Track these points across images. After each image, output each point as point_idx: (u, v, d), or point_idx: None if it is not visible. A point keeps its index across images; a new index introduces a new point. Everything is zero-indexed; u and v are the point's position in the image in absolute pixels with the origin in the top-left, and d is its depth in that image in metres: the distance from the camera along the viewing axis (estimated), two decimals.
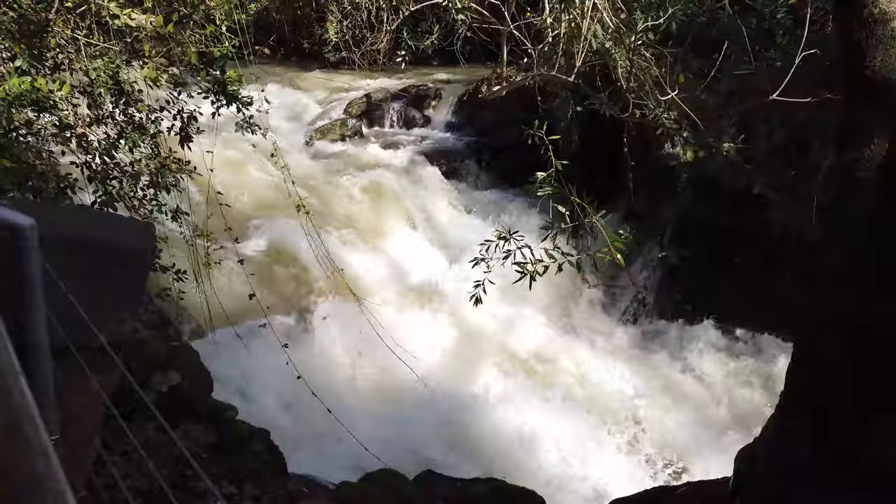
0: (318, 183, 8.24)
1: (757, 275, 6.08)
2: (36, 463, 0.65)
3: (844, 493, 2.30)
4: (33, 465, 0.66)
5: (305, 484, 2.87)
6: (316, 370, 4.59)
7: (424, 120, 10.61)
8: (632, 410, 5.38)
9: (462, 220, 8.18)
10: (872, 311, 2.13)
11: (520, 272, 3.08)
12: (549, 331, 6.34)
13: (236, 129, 4.76)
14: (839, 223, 2.36)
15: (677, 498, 3.14)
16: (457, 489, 3.17)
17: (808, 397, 2.40)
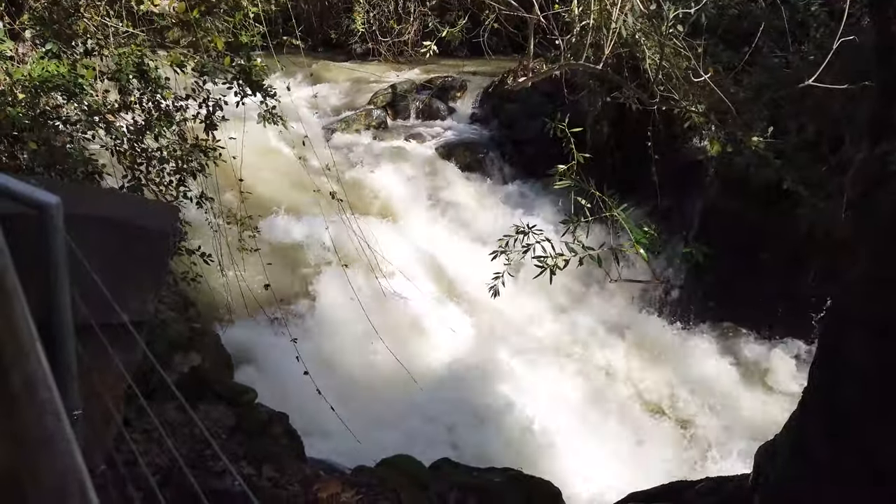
0: (342, 174, 8.28)
1: (783, 272, 5.97)
2: (47, 424, 0.67)
3: (864, 490, 2.26)
4: (45, 426, 0.67)
5: (323, 468, 2.89)
6: (334, 358, 4.64)
7: (449, 111, 10.59)
8: (652, 404, 5.33)
9: (485, 212, 8.16)
10: (894, 308, 2.09)
11: (539, 266, 3.06)
12: (571, 324, 6.31)
13: (258, 121, 4.80)
14: (867, 220, 2.30)
15: (697, 492, 3.11)
16: (473, 477, 3.17)
17: (831, 395, 2.36)
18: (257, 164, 7.09)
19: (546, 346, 5.93)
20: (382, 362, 4.86)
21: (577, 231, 3.22)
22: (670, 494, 3.15)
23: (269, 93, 4.51)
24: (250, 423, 2.86)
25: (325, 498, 2.44)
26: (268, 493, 2.43)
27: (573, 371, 5.63)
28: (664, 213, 7.44)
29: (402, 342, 4.86)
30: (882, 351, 2.15)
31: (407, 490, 2.68)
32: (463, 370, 5.35)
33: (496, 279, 3.18)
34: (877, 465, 2.22)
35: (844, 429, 2.31)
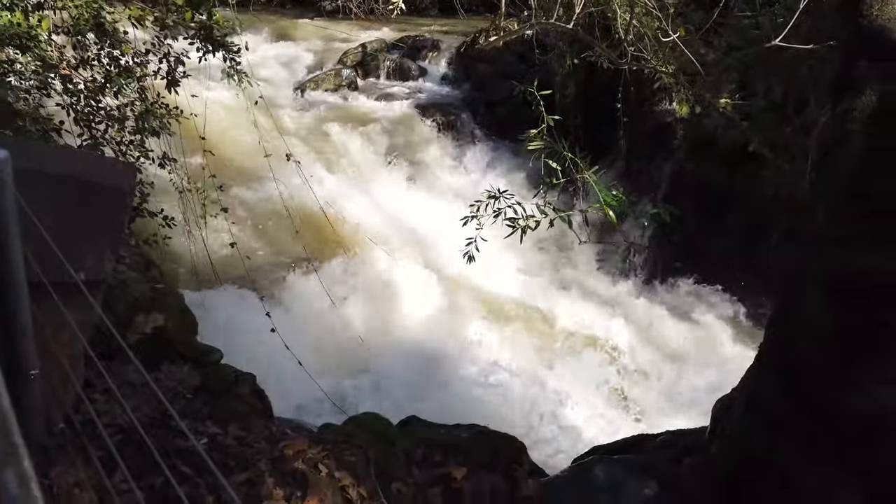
0: (311, 133, 8.16)
1: (749, 233, 6.08)
2: None
3: (817, 443, 2.35)
4: None
5: (290, 427, 2.91)
6: (301, 322, 4.63)
7: (420, 72, 10.44)
8: (619, 363, 5.45)
9: (456, 174, 8.13)
10: (854, 267, 2.14)
11: (511, 226, 3.07)
12: (540, 285, 6.38)
13: (222, 77, 4.69)
14: (825, 179, 2.34)
15: (657, 445, 3.21)
16: (440, 434, 3.22)
17: (786, 352, 2.43)
18: (224, 124, 6.95)
19: (513, 308, 5.99)
20: (350, 325, 4.88)
21: (547, 193, 3.22)
22: (632, 447, 3.25)
23: (231, 49, 4.38)
24: (216, 383, 2.85)
25: (291, 455, 2.46)
26: (233, 451, 2.44)
27: (540, 332, 5.71)
28: (633, 175, 7.50)
29: (371, 305, 4.87)
30: (837, 309, 2.21)
31: (374, 446, 2.71)
32: (431, 332, 5.39)
33: (469, 244, 3.17)
34: (828, 420, 2.31)
35: (798, 385, 2.39)
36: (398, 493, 2.56)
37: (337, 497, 2.33)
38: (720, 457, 2.69)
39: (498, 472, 3.01)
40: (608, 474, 2.96)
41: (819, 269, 2.25)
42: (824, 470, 2.37)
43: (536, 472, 3.22)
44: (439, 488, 2.75)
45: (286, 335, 3.77)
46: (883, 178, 1.99)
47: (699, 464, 2.76)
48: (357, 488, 2.42)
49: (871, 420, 2.21)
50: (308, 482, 2.31)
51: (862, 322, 2.16)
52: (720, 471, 2.67)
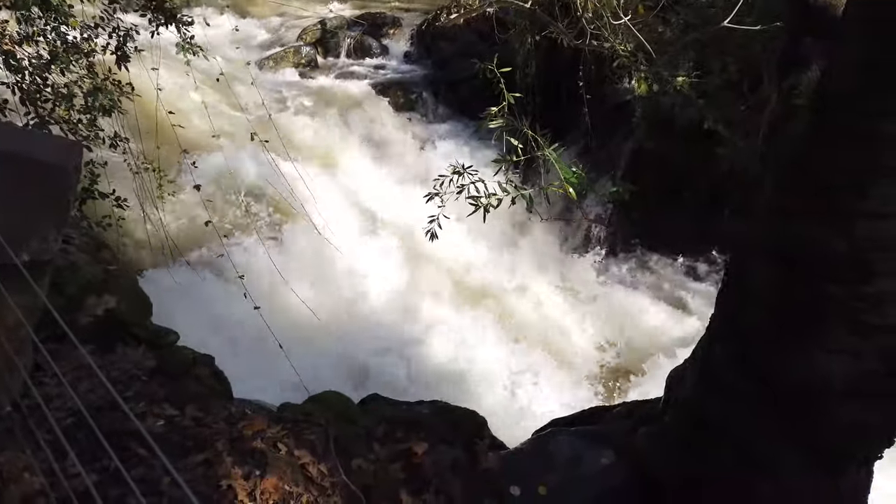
0: (271, 111, 8.00)
1: (705, 209, 6.22)
2: None
3: (765, 410, 2.44)
4: None
5: (250, 407, 2.89)
6: (264, 301, 4.57)
7: (382, 50, 10.31)
8: (579, 338, 5.55)
9: (418, 153, 8.09)
10: (799, 239, 2.21)
11: (473, 205, 3.07)
12: (502, 262, 6.43)
13: (177, 52, 4.57)
14: (772, 153, 2.41)
15: (614, 415, 3.28)
16: (401, 411, 3.24)
17: (735, 322, 2.50)
18: (181, 101, 6.77)
19: (477, 285, 6.04)
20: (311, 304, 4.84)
21: (509, 171, 3.23)
22: (589, 419, 3.32)
23: (183, 22, 4.26)
24: (173, 365, 2.81)
25: (250, 434, 2.45)
26: (191, 432, 2.42)
27: (502, 308, 5.77)
28: (593, 152, 7.57)
29: (333, 284, 4.85)
30: (780, 279, 2.28)
31: (334, 424, 2.72)
32: (394, 310, 5.40)
33: (432, 222, 3.16)
34: (775, 387, 2.39)
35: (747, 354, 2.46)
36: (359, 470, 2.58)
37: (297, 475, 2.34)
38: (674, 425, 2.77)
39: (459, 446, 3.05)
40: (566, 445, 3.02)
41: (766, 241, 2.31)
42: (773, 435, 2.46)
43: (497, 445, 3.27)
44: (400, 464, 2.78)
45: (248, 313, 3.74)
46: (824, 153, 2.05)
47: (654, 433, 2.84)
48: (317, 466, 2.43)
49: (814, 386, 2.30)
50: (267, 461, 2.31)
51: (806, 293, 2.23)
52: (674, 439, 2.76)
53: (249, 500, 2.14)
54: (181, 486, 2.08)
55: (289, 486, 2.25)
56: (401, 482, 2.67)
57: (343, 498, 2.39)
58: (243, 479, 2.20)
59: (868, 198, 2.06)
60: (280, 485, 2.23)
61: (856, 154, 1.99)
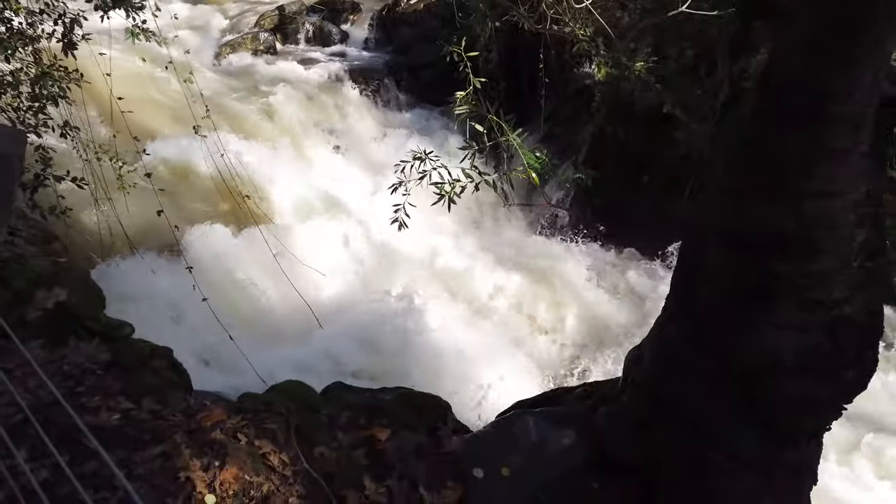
0: (229, 100, 7.86)
1: (664, 192, 6.31)
2: None
3: (719, 385, 2.50)
4: None
5: (209, 398, 2.86)
6: (222, 291, 4.52)
7: (342, 36, 10.19)
8: (541, 323, 5.60)
9: (380, 140, 8.03)
10: (748, 219, 2.26)
11: (437, 193, 3.05)
12: (466, 248, 6.44)
13: (127, 37, 4.43)
14: (722, 135, 2.45)
15: (575, 396, 3.33)
16: (365, 398, 3.24)
17: (689, 301, 2.55)
18: (131, 90, 6.59)
19: (441, 272, 6.04)
20: (272, 294, 4.80)
21: (474, 157, 3.21)
22: (551, 400, 3.36)
23: (133, 5, 4.13)
24: (129, 358, 2.75)
25: (209, 426, 2.42)
26: (148, 425, 2.38)
27: (467, 294, 5.79)
28: (554, 138, 7.62)
29: (295, 273, 4.78)
30: (731, 258, 2.34)
31: (295, 413, 2.70)
32: (358, 299, 5.37)
33: (397, 211, 3.13)
34: (728, 363, 2.45)
35: (701, 331, 2.52)
36: (321, 457, 2.57)
37: (257, 464, 2.32)
38: (632, 404, 2.82)
39: (422, 431, 3.06)
40: (528, 427, 3.06)
41: (717, 222, 2.36)
42: (727, 411, 2.52)
43: (461, 429, 3.29)
44: (363, 450, 2.78)
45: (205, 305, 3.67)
46: (771, 135, 2.10)
47: (613, 412, 2.89)
48: (278, 455, 2.42)
49: (765, 362, 2.36)
50: (227, 451, 2.28)
51: (756, 271, 2.28)
52: (632, 417, 2.81)
53: (208, 491, 2.11)
54: (135, 480, 2.05)
55: (249, 476, 2.23)
56: (364, 468, 2.67)
57: (305, 486, 2.38)
58: (202, 471, 2.17)
59: (814, 178, 2.12)
60: (240, 475, 2.22)
61: (801, 135, 2.03)
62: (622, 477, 2.80)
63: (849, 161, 2.09)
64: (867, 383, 2.51)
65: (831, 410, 2.51)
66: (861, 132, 2.07)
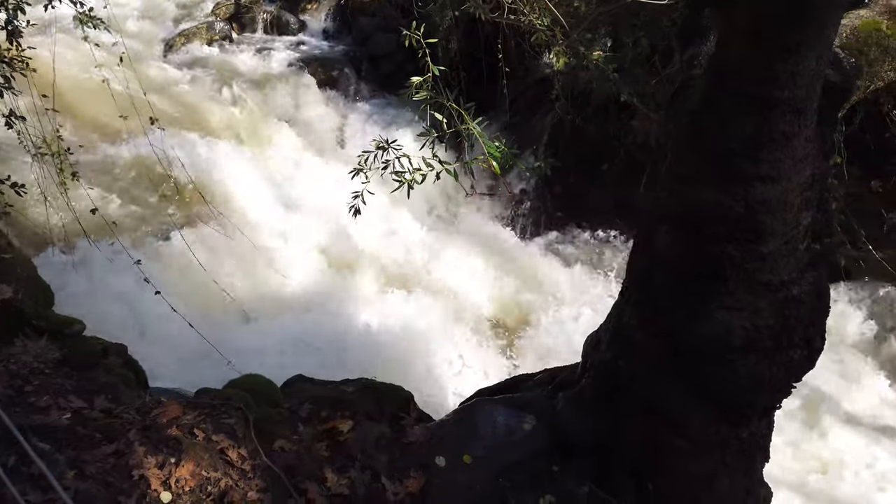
0: (184, 91, 7.68)
1: (622, 180, 6.40)
2: None
3: (673, 367, 2.55)
4: None
5: (166, 395, 2.80)
6: (179, 289, 4.42)
7: (300, 25, 10.03)
8: (504, 311, 5.64)
9: (340, 130, 7.95)
10: (698, 203, 2.30)
11: (397, 181, 3.03)
12: (427, 238, 6.44)
13: (75, 26, 4.30)
14: (672, 121, 2.49)
15: (535, 383, 3.37)
16: (326, 390, 3.21)
17: (643, 285, 2.60)
18: (83, 81, 6.40)
19: (402, 262, 6.02)
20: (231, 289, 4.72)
21: (434, 146, 3.20)
22: (512, 387, 3.39)
23: None
24: (80, 356, 2.68)
25: (164, 422, 2.37)
26: (101, 423, 2.32)
27: (428, 284, 5.79)
28: (515, 128, 7.65)
29: (253, 267, 4.72)
30: (682, 243, 2.38)
31: (254, 407, 2.67)
32: (318, 292, 5.32)
33: (356, 198, 3.11)
34: (680, 345, 2.51)
35: (654, 315, 2.57)
36: (281, 451, 2.55)
37: (215, 460, 2.29)
38: (590, 388, 2.86)
39: (384, 421, 3.06)
40: (490, 414, 3.08)
41: (669, 207, 2.41)
42: (681, 392, 2.58)
43: (424, 418, 3.30)
44: (325, 442, 2.76)
45: (160, 301, 3.60)
46: (719, 120, 2.14)
47: (572, 396, 2.93)
48: (237, 449, 2.39)
49: (716, 342, 2.42)
50: (183, 448, 2.24)
51: (707, 255, 2.33)
52: (590, 401, 2.85)
53: (164, 488, 2.08)
54: (87, 479, 2.00)
55: (206, 472, 2.20)
56: (326, 460, 2.66)
57: (265, 480, 2.36)
58: (157, 468, 2.14)
59: (760, 162, 2.17)
60: (197, 471, 2.18)
61: (747, 120, 2.08)
62: (581, 459, 2.84)
63: (793, 146, 2.15)
64: (815, 362, 2.59)
65: (781, 389, 2.59)
66: (805, 117, 2.13)
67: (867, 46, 2.58)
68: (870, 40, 2.59)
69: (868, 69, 2.63)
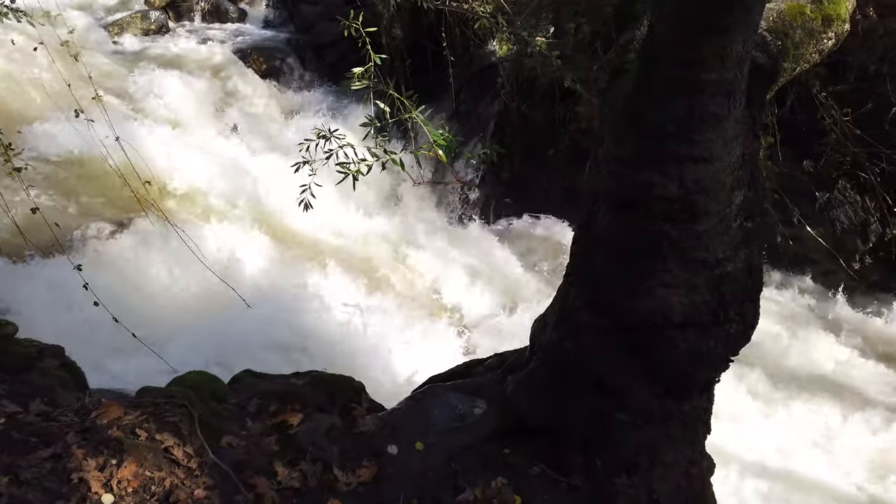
0: (119, 84, 7.43)
1: (568, 165, 6.49)
2: None
3: (617, 345, 2.61)
4: None
5: (106, 396, 2.72)
6: (121, 290, 4.29)
7: (239, 14, 9.83)
8: (456, 300, 5.67)
9: (285, 122, 7.83)
10: (634, 184, 2.36)
11: (342, 172, 3.00)
12: (377, 229, 6.41)
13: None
14: (609, 104, 2.54)
15: (485, 368, 3.40)
16: (276, 384, 3.18)
17: (586, 265, 2.65)
18: (14, 72, 6.13)
19: (353, 254, 5.98)
20: (175, 287, 4.62)
21: (379, 136, 3.17)
22: (463, 373, 3.42)
23: None
24: (12, 359, 2.58)
25: (104, 423, 2.30)
26: (36, 427, 2.24)
27: (379, 275, 5.76)
28: (462, 116, 7.67)
29: (196, 264, 4.60)
30: (621, 223, 2.44)
31: (200, 404, 2.62)
32: (269, 286, 5.24)
33: (304, 191, 3.06)
34: (623, 323, 2.57)
35: (597, 295, 2.62)
36: (229, 447, 2.51)
37: (159, 459, 2.24)
38: (538, 370, 2.90)
39: (336, 412, 3.05)
40: (441, 400, 3.10)
41: (607, 188, 2.45)
42: (625, 369, 2.65)
43: (377, 408, 3.29)
44: (275, 436, 2.73)
45: (103, 302, 3.48)
46: (652, 103, 2.19)
47: (521, 379, 2.97)
48: (182, 448, 2.34)
49: (657, 319, 2.49)
50: (124, 448, 2.19)
51: (644, 234, 2.39)
52: (539, 382, 2.90)
53: (105, 490, 2.02)
54: (23, 485, 1.94)
55: (150, 472, 2.15)
56: (275, 454, 2.63)
57: (212, 477, 2.32)
58: (97, 470, 2.08)
59: (693, 143, 2.23)
60: (140, 471, 2.13)
61: (679, 103, 2.13)
62: (532, 441, 2.89)
63: (723, 127, 2.21)
64: (751, 336, 2.69)
65: (719, 363, 2.68)
66: (734, 99, 2.19)
67: (792, 29, 2.67)
68: (795, 23, 2.68)
69: (794, 52, 2.72)
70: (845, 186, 5.67)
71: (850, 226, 5.66)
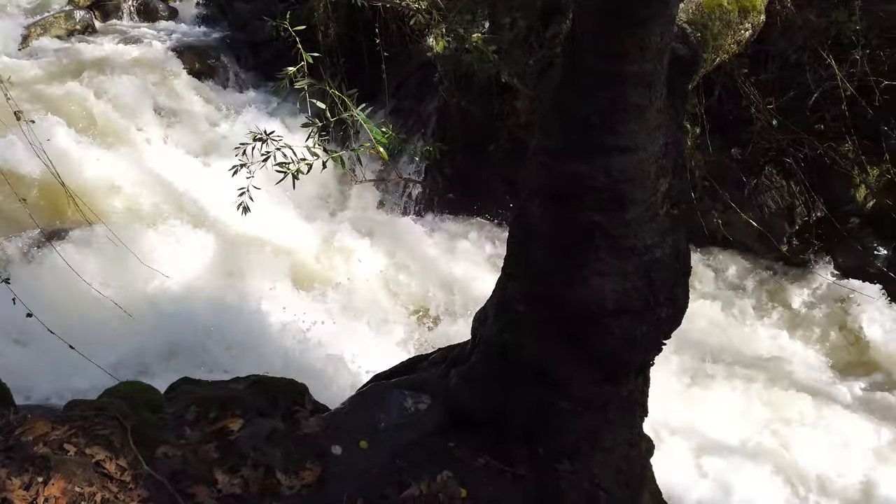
0: (43, 87, 7.12)
1: (509, 160, 6.55)
2: None
3: (555, 334, 2.66)
4: None
5: (32, 412, 2.61)
6: (52, 301, 4.12)
7: (170, 12, 9.55)
8: (401, 295, 5.66)
9: (220, 122, 7.64)
10: (565, 175, 2.40)
11: (281, 171, 2.94)
12: (319, 229, 6.34)
13: None
14: (539, 97, 2.58)
15: (429, 363, 3.41)
16: (215, 390, 3.11)
17: (522, 257, 2.68)
18: None
19: (291, 255, 5.90)
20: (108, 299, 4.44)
21: (318, 135, 3.12)
22: (408, 369, 3.42)
23: None
24: None
25: (30, 440, 2.21)
26: None
27: (319, 276, 5.71)
28: (402, 113, 7.65)
29: (132, 274, 4.46)
30: (553, 214, 2.48)
31: (133, 415, 2.54)
32: (208, 295, 5.12)
33: (242, 195, 2.98)
34: (559, 312, 2.61)
35: (534, 286, 2.66)
36: (165, 458, 2.44)
37: (90, 474, 2.16)
38: (480, 362, 2.93)
39: (278, 416, 3.00)
40: (385, 397, 3.09)
41: (539, 180, 2.49)
42: (563, 356, 2.69)
43: (320, 409, 3.26)
44: (214, 444, 2.67)
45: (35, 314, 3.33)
46: (578, 95, 2.23)
47: (463, 372, 2.99)
48: (115, 461, 2.26)
49: (592, 306, 2.54)
50: (52, 465, 2.10)
51: (577, 224, 2.44)
52: (481, 375, 2.92)
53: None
54: None
55: (80, 488, 2.07)
56: (215, 462, 2.57)
57: (148, 489, 2.25)
58: (23, 489, 1.99)
59: (618, 134, 2.28)
60: (69, 487, 2.05)
61: (602, 94, 2.18)
62: (477, 434, 2.91)
63: (646, 117, 2.27)
64: (681, 319, 2.78)
65: (652, 346, 2.76)
66: (655, 90, 2.25)
67: (711, 21, 2.76)
68: (713, 15, 2.77)
69: (713, 42, 2.82)
70: (772, 172, 5.90)
71: (777, 209, 5.90)
